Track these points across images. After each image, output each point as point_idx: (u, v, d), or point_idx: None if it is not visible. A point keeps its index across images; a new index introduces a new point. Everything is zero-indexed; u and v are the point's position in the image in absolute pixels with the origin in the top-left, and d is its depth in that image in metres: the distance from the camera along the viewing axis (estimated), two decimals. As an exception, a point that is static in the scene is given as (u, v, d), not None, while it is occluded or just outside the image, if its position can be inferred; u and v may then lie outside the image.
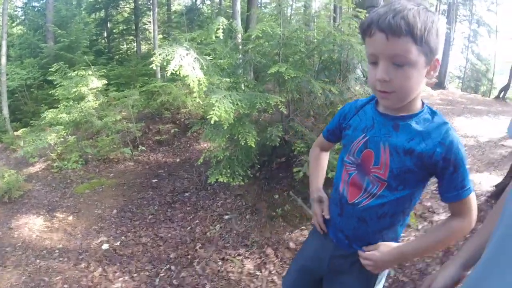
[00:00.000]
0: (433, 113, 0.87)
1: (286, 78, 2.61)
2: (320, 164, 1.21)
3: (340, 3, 3.99)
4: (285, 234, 2.73)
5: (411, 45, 0.74)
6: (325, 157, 1.23)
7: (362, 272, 0.97)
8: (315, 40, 3.13)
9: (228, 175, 2.92)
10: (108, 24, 14.34)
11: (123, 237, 3.11)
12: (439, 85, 13.97)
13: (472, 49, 22.78)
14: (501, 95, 15.58)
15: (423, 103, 0.89)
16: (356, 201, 0.93)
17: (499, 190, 3.72)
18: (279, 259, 2.48)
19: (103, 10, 13.84)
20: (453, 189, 0.85)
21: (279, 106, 2.60)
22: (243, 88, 3.02)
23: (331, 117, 2.97)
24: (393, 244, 0.93)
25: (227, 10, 13.57)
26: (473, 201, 0.87)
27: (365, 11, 3.20)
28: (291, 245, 2.60)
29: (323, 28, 3.24)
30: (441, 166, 0.83)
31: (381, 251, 0.92)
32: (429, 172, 0.86)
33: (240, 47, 3.31)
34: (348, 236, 0.99)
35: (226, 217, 3.14)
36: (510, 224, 0.52)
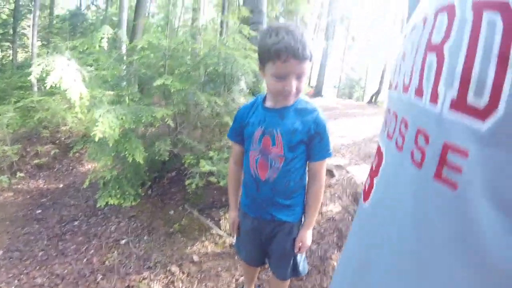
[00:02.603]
0: (305, 102, 1.24)
1: (172, 91, 2.58)
2: (237, 185, 1.45)
3: (226, 18, 4.18)
4: (187, 248, 2.67)
5: (308, 64, 1.10)
6: (240, 173, 1.44)
7: (289, 233, 1.31)
8: (201, 53, 3.18)
9: (118, 196, 2.71)
10: (-17, 27, 12.00)
11: (16, 281, 2.59)
12: (317, 93, 15.71)
13: (347, 61, 26.43)
14: (373, 99, 18.37)
15: None
16: (267, 177, 1.24)
17: None
18: (185, 275, 2.41)
19: (-21, 9, 11.50)
20: (320, 152, 1.24)
21: (166, 120, 2.54)
22: (127, 101, 2.86)
23: (218, 128, 3.08)
24: (303, 231, 1.30)
25: (113, 18, 12.81)
26: (325, 165, 1.29)
27: (249, 26, 3.42)
28: (195, 258, 2.56)
29: (209, 41, 3.32)
30: (314, 137, 1.20)
31: (303, 239, 1.30)
32: (306, 143, 1.21)
33: (125, 58, 3.14)
34: (267, 211, 1.29)
35: (123, 241, 2.90)
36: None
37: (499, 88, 0.27)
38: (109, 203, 2.70)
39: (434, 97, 0.34)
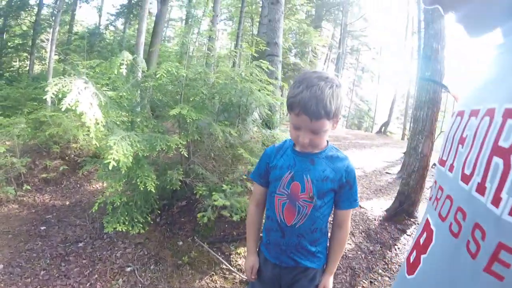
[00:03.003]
0: (336, 149, 1.25)
1: (187, 121, 2.59)
2: (258, 228, 1.41)
3: (242, 51, 4.26)
4: (195, 282, 2.57)
5: (326, 122, 1.08)
6: (261, 215, 1.42)
7: (312, 280, 1.28)
8: (217, 84, 3.22)
9: (127, 223, 2.66)
10: (4, 35, 12.45)
11: (15, 299, 2.51)
12: (327, 123, 15.71)
13: (356, 91, 26.67)
14: (382, 130, 18.36)
15: (327, 142, 1.25)
16: (294, 223, 1.21)
17: (390, 214, 4.26)
18: (192, 309, 2.32)
19: (2, 18, 11.98)
20: (348, 200, 1.24)
21: (180, 149, 2.54)
22: (142, 127, 2.88)
23: (231, 159, 3.06)
24: (327, 277, 1.28)
25: (130, 40, 13.17)
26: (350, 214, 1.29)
27: (267, 62, 3.47)
28: (204, 293, 2.47)
29: (225, 72, 3.37)
30: (344, 186, 1.21)
31: (327, 285, 1.28)
32: (335, 191, 1.21)
33: (142, 84, 3.19)
34: (291, 257, 1.25)
35: (128, 269, 2.82)
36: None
37: None
38: (116, 229, 2.64)
39: (496, 201, 0.37)
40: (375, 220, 3.80)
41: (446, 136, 0.56)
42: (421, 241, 0.53)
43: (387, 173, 8.07)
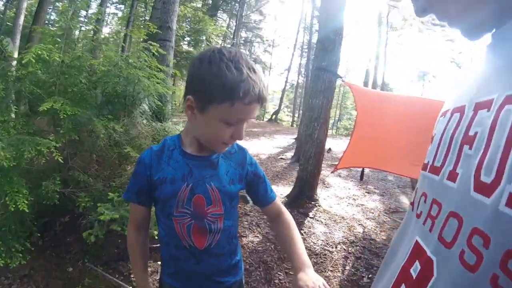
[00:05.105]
0: None
1: (61, 117, 2.05)
2: (146, 257, 1.11)
3: (132, 33, 3.72)
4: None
5: None
6: (146, 240, 1.11)
7: None
8: (100, 71, 2.70)
9: (4, 254, 1.99)
10: None
11: None
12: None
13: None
14: (273, 118, 19.54)
15: None
16: (208, 244, 0.97)
17: (291, 199, 4.42)
18: None
19: None
20: (267, 193, 1.07)
21: (54, 154, 1.98)
22: (8, 129, 2.15)
23: (118, 160, 2.62)
24: (304, 269, 0.90)
25: (7, 23, 10.99)
26: None
27: (158, 45, 3.08)
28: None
29: (110, 58, 2.85)
30: (254, 180, 1.05)
31: (308, 278, 0.87)
32: (245, 189, 1.05)
33: (14, 73, 2.43)
34: (214, 280, 1.01)
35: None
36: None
37: None
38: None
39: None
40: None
41: (438, 138, 0.48)
42: (413, 273, 0.42)
43: (281, 158, 8.57)
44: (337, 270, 2.82)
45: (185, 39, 12.33)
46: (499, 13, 0.41)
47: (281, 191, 4.93)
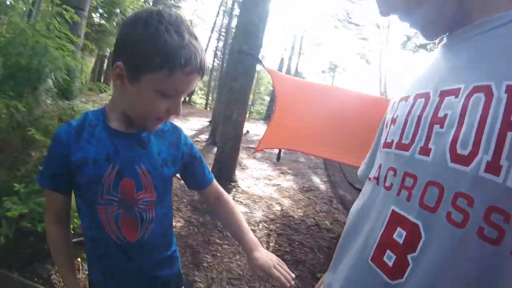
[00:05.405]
0: None
1: None
2: (70, 253, 0.95)
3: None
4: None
5: None
6: (68, 232, 0.94)
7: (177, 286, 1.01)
8: (3, 38, 2.24)
9: None
10: None
11: None
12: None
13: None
14: (186, 99, 18.98)
15: None
16: (140, 236, 0.85)
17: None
18: None
19: None
20: (205, 175, 0.99)
21: None
22: None
23: (22, 144, 2.23)
24: (258, 248, 0.93)
25: None
26: None
27: (73, 10, 2.68)
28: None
29: (16, 24, 2.35)
30: (190, 162, 0.95)
31: (265, 256, 0.91)
32: (180, 171, 0.95)
33: None
34: (149, 276, 0.91)
35: None
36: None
37: None
38: None
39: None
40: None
41: (403, 120, 0.53)
42: (398, 239, 0.46)
43: (196, 141, 8.49)
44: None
45: (99, 10, 10.81)
46: (460, 19, 0.49)
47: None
